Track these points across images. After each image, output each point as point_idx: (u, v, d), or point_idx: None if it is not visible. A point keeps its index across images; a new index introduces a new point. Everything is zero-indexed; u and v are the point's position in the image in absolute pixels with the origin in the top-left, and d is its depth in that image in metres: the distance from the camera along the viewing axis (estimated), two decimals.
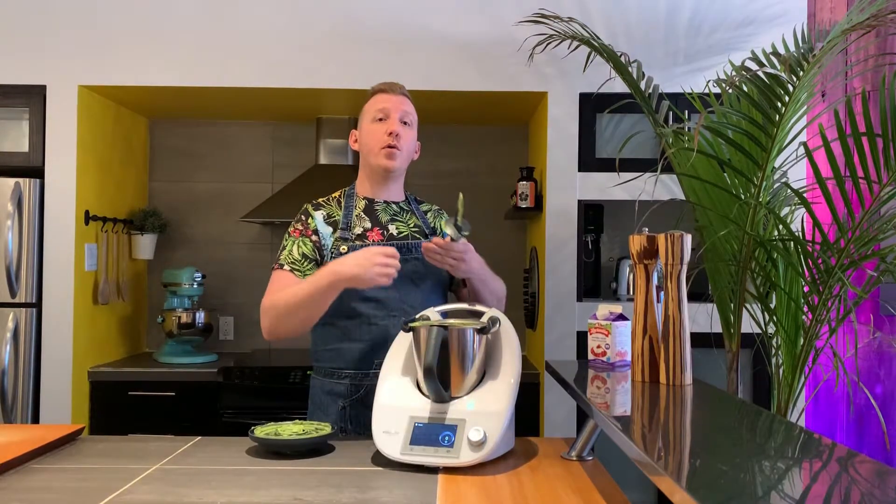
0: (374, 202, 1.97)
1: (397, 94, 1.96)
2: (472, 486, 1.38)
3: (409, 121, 1.95)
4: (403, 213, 1.99)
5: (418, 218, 2.00)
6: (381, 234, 1.92)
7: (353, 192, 2.01)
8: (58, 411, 2.84)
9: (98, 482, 1.39)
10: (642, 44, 2.89)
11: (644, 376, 1.67)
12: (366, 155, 1.97)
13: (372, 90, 2.01)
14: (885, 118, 1.96)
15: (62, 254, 2.88)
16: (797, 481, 1.00)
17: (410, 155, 1.98)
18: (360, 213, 1.95)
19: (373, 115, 1.95)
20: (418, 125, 2.02)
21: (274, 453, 1.58)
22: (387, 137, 1.90)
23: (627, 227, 3.29)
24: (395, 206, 1.99)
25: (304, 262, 1.88)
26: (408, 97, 1.98)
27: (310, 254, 1.89)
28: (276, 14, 2.92)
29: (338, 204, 1.98)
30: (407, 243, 1.91)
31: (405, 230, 1.95)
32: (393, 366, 1.62)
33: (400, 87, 1.99)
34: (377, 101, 1.96)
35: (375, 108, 1.95)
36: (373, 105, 1.97)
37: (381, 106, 1.94)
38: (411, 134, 1.96)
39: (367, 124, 1.96)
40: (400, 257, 1.74)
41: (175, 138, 3.62)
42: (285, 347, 3.58)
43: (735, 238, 2.23)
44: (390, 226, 1.94)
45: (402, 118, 1.93)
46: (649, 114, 2.45)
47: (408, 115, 1.95)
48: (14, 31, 2.89)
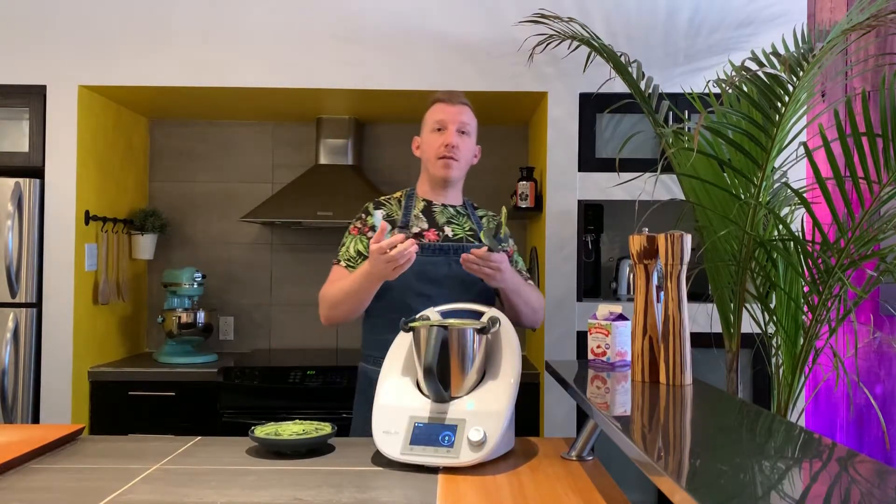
0: (433, 204, 2.07)
1: (455, 104, 2.03)
2: (472, 486, 1.38)
3: (467, 130, 2.03)
4: (460, 216, 2.08)
5: (473, 222, 2.08)
6: (437, 235, 2.02)
7: (413, 193, 2.11)
8: (58, 411, 2.84)
9: (98, 482, 1.39)
10: (642, 44, 2.89)
11: (644, 376, 1.67)
12: (425, 162, 2.07)
13: (431, 99, 2.08)
14: (885, 118, 1.96)
15: (62, 254, 2.88)
16: (797, 481, 1.00)
17: (468, 162, 2.07)
18: (419, 213, 2.06)
19: (431, 126, 2.03)
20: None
21: (274, 453, 1.58)
22: (444, 149, 1.99)
23: (627, 227, 3.29)
24: (452, 210, 2.08)
25: (359, 259, 2.00)
26: (467, 105, 2.06)
27: (364, 251, 2.00)
28: (276, 14, 2.92)
29: (398, 203, 2.09)
30: (461, 245, 2.01)
31: (460, 233, 2.04)
32: (393, 366, 1.62)
33: (459, 96, 2.06)
34: (436, 112, 2.04)
35: (434, 119, 2.03)
36: (432, 115, 2.05)
37: (439, 117, 2.02)
38: (469, 142, 2.04)
39: (427, 134, 2.05)
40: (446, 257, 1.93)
41: (175, 138, 3.62)
42: (285, 347, 3.58)
43: (735, 238, 2.23)
44: (446, 228, 2.04)
45: (459, 129, 2.01)
46: (649, 114, 2.45)
47: (465, 125, 2.02)
48: (14, 31, 2.89)
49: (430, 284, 1.95)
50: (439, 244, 1.99)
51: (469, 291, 1.94)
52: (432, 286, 1.94)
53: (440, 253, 1.98)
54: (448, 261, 1.97)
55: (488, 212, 2.18)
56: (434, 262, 1.97)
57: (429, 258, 1.96)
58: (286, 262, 3.62)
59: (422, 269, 1.94)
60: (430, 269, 1.96)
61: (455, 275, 1.95)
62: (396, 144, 3.63)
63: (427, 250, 1.97)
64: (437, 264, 1.97)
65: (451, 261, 1.97)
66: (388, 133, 3.64)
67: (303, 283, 3.59)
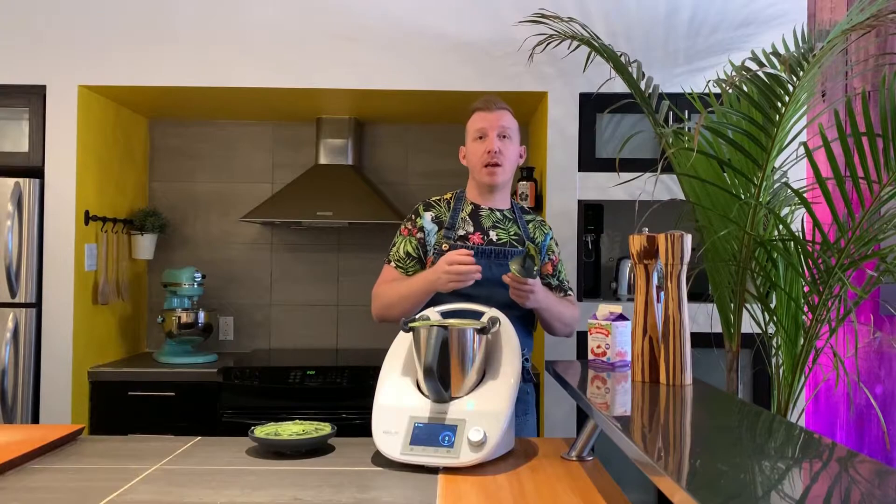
0: (480, 208, 2.12)
1: (493, 110, 2.07)
2: (472, 486, 1.38)
3: (509, 133, 2.07)
4: (506, 220, 2.13)
5: (520, 227, 2.13)
6: (481, 239, 2.07)
7: (462, 196, 2.16)
8: (58, 411, 2.84)
9: (98, 482, 1.39)
10: (642, 44, 2.89)
11: (644, 376, 1.67)
12: (472, 171, 2.12)
13: (471, 108, 2.12)
14: (885, 118, 1.96)
15: (62, 254, 2.88)
16: (797, 481, 1.00)
17: (514, 165, 2.11)
18: (466, 216, 2.11)
19: (473, 135, 2.08)
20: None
21: (274, 453, 1.58)
22: (487, 156, 2.04)
23: (627, 227, 3.29)
24: (498, 214, 2.13)
25: (408, 260, 2.09)
26: (506, 109, 2.10)
27: (413, 252, 2.09)
28: (277, 14, 2.92)
29: (447, 205, 2.14)
30: (504, 249, 2.06)
31: (505, 237, 2.09)
32: (393, 366, 1.62)
33: (495, 101, 2.09)
34: (476, 121, 2.09)
35: (475, 128, 2.08)
36: (473, 124, 2.10)
37: (479, 125, 2.07)
38: (512, 146, 2.08)
39: (470, 143, 2.11)
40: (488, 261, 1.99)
41: (175, 138, 3.62)
42: (285, 347, 3.58)
43: (735, 238, 2.23)
44: (491, 232, 2.08)
45: (500, 133, 2.05)
46: (649, 114, 2.45)
47: (506, 129, 2.07)
48: (14, 31, 2.89)
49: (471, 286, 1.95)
50: (482, 247, 2.04)
51: (506, 294, 1.96)
52: (473, 287, 1.95)
53: (483, 256, 2.02)
54: (489, 264, 2.01)
55: (536, 216, 2.22)
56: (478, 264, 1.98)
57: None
58: (286, 262, 3.62)
59: None
60: None
61: (496, 278, 1.98)
62: (396, 144, 3.63)
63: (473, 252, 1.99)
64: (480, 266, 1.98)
65: (492, 264, 2.02)
66: (388, 133, 3.64)
67: (303, 282, 3.59)
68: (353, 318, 3.59)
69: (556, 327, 2.10)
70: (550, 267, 2.18)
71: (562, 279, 2.20)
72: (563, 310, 2.09)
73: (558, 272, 2.20)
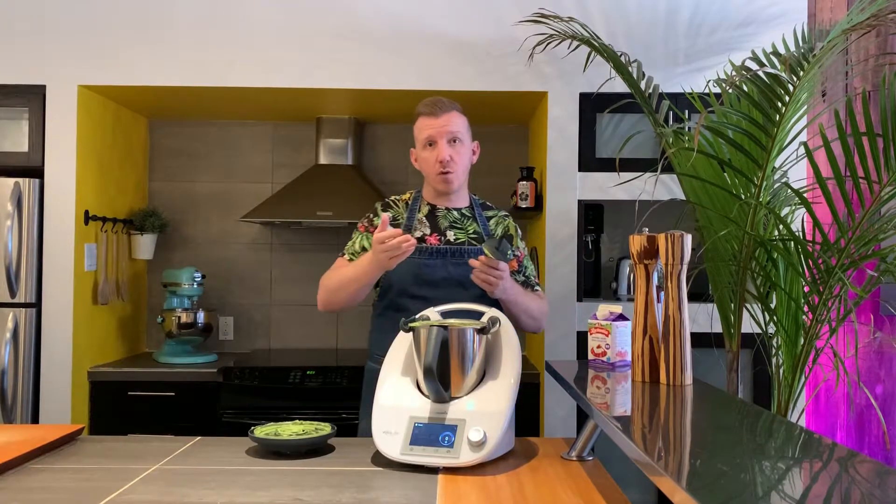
0: (437, 208, 2.09)
1: (440, 115, 2.00)
2: (472, 487, 1.38)
3: (458, 136, 2.01)
4: (464, 219, 2.09)
5: (479, 224, 2.09)
6: (438, 240, 2.04)
7: (419, 196, 2.13)
8: (58, 411, 2.84)
9: (98, 482, 1.39)
10: (642, 44, 2.89)
11: (644, 376, 1.67)
12: (425, 176, 2.09)
13: (416, 112, 2.06)
14: (885, 118, 1.96)
15: (62, 254, 2.88)
16: (797, 481, 1.00)
17: (467, 166, 2.07)
18: (423, 217, 2.08)
19: (422, 142, 2.03)
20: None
21: (274, 453, 1.58)
22: (439, 166, 2.00)
23: (627, 227, 3.29)
24: (456, 213, 2.09)
25: (363, 254, 2.03)
26: (454, 109, 2.03)
27: (369, 247, 2.00)
28: (276, 14, 2.92)
29: (405, 206, 2.12)
30: (461, 248, 2.02)
31: (462, 237, 2.05)
32: (393, 366, 1.62)
33: (441, 105, 2.02)
34: (423, 128, 2.02)
35: (423, 137, 2.02)
36: (420, 131, 2.04)
37: (426, 133, 2.01)
38: (463, 148, 2.03)
39: (420, 151, 2.06)
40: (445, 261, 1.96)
41: (175, 138, 3.62)
42: (285, 347, 3.58)
43: (735, 238, 2.23)
44: (448, 232, 2.05)
45: (449, 139, 2.00)
46: (649, 114, 2.45)
47: (455, 133, 2.00)
48: (14, 31, 2.89)
49: (427, 287, 1.98)
50: (437, 248, 2.01)
51: (467, 292, 1.95)
52: (429, 288, 1.97)
53: (438, 256, 2.00)
54: (446, 264, 1.99)
55: (499, 211, 2.18)
56: (432, 266, 2.00)
57: (426, 261, 2.00)
58: (286, 262, 3.62)
59: (419, 272, 1.99)
60: (428, 273, 1.99)
61: (452, 278, 1.98)
62: (396, 144, 3.63)
63: (425, 253, 2.00)
64: (435, 267, 1.99)
65: (448, 264, 1.99)
66: (388, 133, 3.64)
67: (303, 282, 3.59)
68: (353, 318, 3.58)
69: (522, 321, 2.03)
70: (515, 263, 2.12)
71: (528, 275, 2.14)
72: (529, 302, 2.03)
73: (524, 267, 2.14)
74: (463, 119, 2.05)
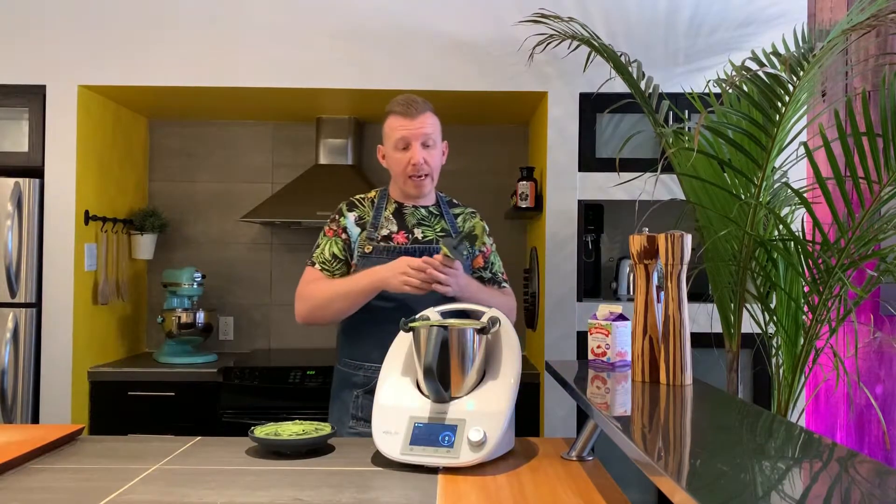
0: (404, 206, 2.04)
1: (415, 116, 1.93)
2: (472, 487, 1.38)
3: (432, 140, 1.96)
4: (432, 217, 2.05)
5: (447, 222, 2.05)
6: (406, 238, 1.99)
7: (386, 194, 2.08)
8: (58, 411, 2.84)
9: (98, 482, 1.39)
10: (642, 44, 2.89)
11: (644, 376, 1.67)
12: (394, 176, 2.02)
13: (388, 109, 1.98)
14: (885, 118, 1.96)
15: (62, 254, 2.88)
16: (797, 481, 1.00)
17: (438, 168, 2.02)
18: (389, 215, 2.02)
19: (394, 144, 1.95)
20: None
21: (274, 453, 1.58)
22: (411, 168, 1.94)
23: (627, 227, 3.29)
24: (423, 211, 2.05)
25: (334, 262, 1.99)
26: (428, 111, 1.97)
27: (339, 254, 2.00)
28: (276, 14, 2.92)
29: (371, 204, 2.05)
30: (429, 248, 1.97)
31: (431, 235, 2.01)
32: (393, 366, 1.62)
33: (416, 106, 1.95)
34: (396, 129, 1.95)
35: (395, 137, 1.95)
36: (392, 131, 1.96)
37: (400, 135, 1.94)
38: (435, 152, 1.99)
39: (391, 151, 1.98)
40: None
41: (175, 138, 3.62)
42: (285, 347, 3.58)
43: (735, 238, 2.23)
44: (416, 230, 2.00)
45: (424, 143, 1.95)
46: (649, 114, 2.45)
47: (429, 136, 1.95)
48: (14, 31, 2.89)
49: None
50: (405, 247, 1.96)
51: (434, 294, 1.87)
52: None
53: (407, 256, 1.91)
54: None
55: (466, 208, 2.13)
56: None
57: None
58: (286, 262, 3.62)
59: None
60: None
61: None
62: None
63: (393, 253, 1.93)
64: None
65: None
66: None
67: None
68: None
69: None
70: (482, 259, 2.08)
71: (495, 271, 2.10)
72: (489, 299, 1.93)
73: (490, 263, 2.09)
74: (436, 120, 2.00)
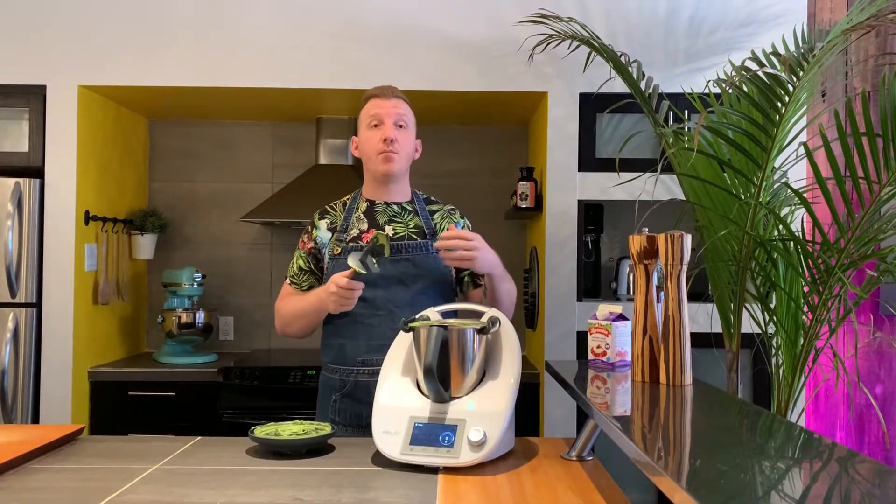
0: (375, 204, 2.01)
1: (390, 98, 1.97)
2: (472, 487, 1.38)
3: (405, 122, 1.97)
4: (405, 213, 2.01)
5: (420, 218, 2.01)
6: None
7: (358, 195, 2.07)
8: (58, 411, 2.84)
9: (98, 482, 1.39)
10: (642, 44, 2.89)
11: (644, 376, 1.67)
12: (366, 161, 2.01)
13: (365, 96, 2.03)
14: (885, 118, 1.96)
15: (62, 254, 2.88)
16: (797, 481, 1.00)
17: (410, 156, 2.00)
18: (360, 215, 2.00)
19: (368, 122, 1.97)
20: (417, 125, 2.06)
21: (274, 453, 1.58)
22: (382, 144, 1.93)
23: (627, 227, 3.29)
24: (395, 208, 2.01)
25: (301, 275, 2.02)
26: (402, 98, 2.00)
27: (305, 266, 2.01)
28: (276, 14, 2.92)
29: (343, 207, 2.04)
30: (400, 244, 1.94)
31: (402, 231, 1.97)
32: (393, 366, 1.62)
33: (392, 90, 1.99)
34: (370, 108, 1.98)
35: (369, 115, 1.97)
36: (367, 112, 1.99)
37: (374, 112, 1.96)
38: (408, 135, 1.98)
39: (364, 131, 1.99)
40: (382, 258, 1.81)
41: (175, 138, 3.62)
42: (285, 347, 3.58)
43: (735, 238, 2.23)
44: (387, 227, 1.97)
45: (396, 122, 1.95)
46: (649, 114, 2.45)
47: (402, 117, 1.96)
48: (14, 31, 2.89)
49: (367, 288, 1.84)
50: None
51: (409, 289, 1.90)
52: (369, 289, 1.85)
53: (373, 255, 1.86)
54: (384, 262, 1.85)
55: (445, 206, 2.08)
56: None
57: None
58: (286, 262, 3.59)
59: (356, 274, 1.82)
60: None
61: (391, 275, 1.89)
62: None
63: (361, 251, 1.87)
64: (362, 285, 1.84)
65: (385, 262, 1.86)
66: None
67: None
68: None
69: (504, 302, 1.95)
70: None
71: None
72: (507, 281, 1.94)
73: None
74: (411, 112, 2.01)
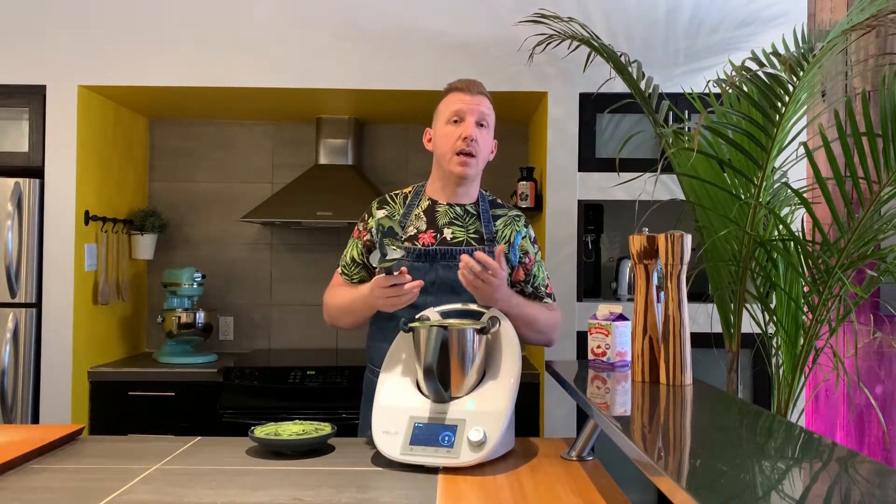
0: (437, 204, 1.90)
1: (474, 93, 1.85)
2: (472, 487, 1.38)
3: (486, 122, 1.86)
4: (467, 216, 1.89)
5: (482, 224, 1.89)
6: (433, 238, 1.85)
7: (421, 190, 1.95)
8: (58, 411, 2.84)
9: (98, 482, 1.39)
10: (642, 44, 2.89)
11: (644, 376, 1.67)
12: (439, 158, 1.89)
13: (447, 87, 1.90)
14: (885, 118, 1.96)
15: (62, 254, 2.88)
16: (797, 481, 1.00)
17: (486, 158, 1.90)
18: (420, 213, 1.90)
19: (447, 117, 1.85)
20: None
21: (274, 453, 1.58)
22: (461, 143, 1.81)
23: (627, 227, 3.29)
24: (458, 209, 1.90)
25: (353, 267, 1.94)
26: (486, 96, 1.88)
27: (358, 258, 1.93)
28: (277, 14, 2.92)
29: (404, 201, 1.94)
30: (452, 250, 1.82)
31: (461, 235, 1.85)
32: (393, 366, 1.62)
33: (477, 85, 1.87)
34: (452, 102, 1.86)
35: (450, 110, 1.85)
36: (447, 105, 1.86)
37: (456, 107, 1.84)
38: (488, 136, 1.87)
39: (442, 126, 1.86)
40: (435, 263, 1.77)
41: (175, 138, 3.62)
42: (285, 347, 3.58)
43: (735, 238, 2.23)
44: (446, 230, 1.86)
45: (478, 120, 1.84)
46: (649, 114, 2.45)
47: (485, 116, 1.86)
48: (14, 31, 2.89)
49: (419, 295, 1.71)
50: (426, 249, 1.82)
51: (459, 298, 1.76)
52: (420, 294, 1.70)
53: (426, 259, 1.81)
54: (435, 267, 1.80)
55: (510, 211, 1.96)
56: (419, 269, 1.79)
57: (413, 264, 1.80)
58: (286, 263, 3.62)
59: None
60: (415, 276, 1.71)
61: (442, 282, 1.79)
62: (396, 144, 3.63)
63: (413, 254, 1.81)
64: (423, 271, 1.79)
65: (438, 267, 1.80)
66: (387, 133, 3.64)
67: (303, 283, 3.59)
68: None
69: (525, 335, 1.81)
70: (522, 272, 1.90)
71: (538, 285, 1.92)
72: (535, 313, 1.82)
73: (533, 276, 1.91)
74: (493, 111, 1.90)
